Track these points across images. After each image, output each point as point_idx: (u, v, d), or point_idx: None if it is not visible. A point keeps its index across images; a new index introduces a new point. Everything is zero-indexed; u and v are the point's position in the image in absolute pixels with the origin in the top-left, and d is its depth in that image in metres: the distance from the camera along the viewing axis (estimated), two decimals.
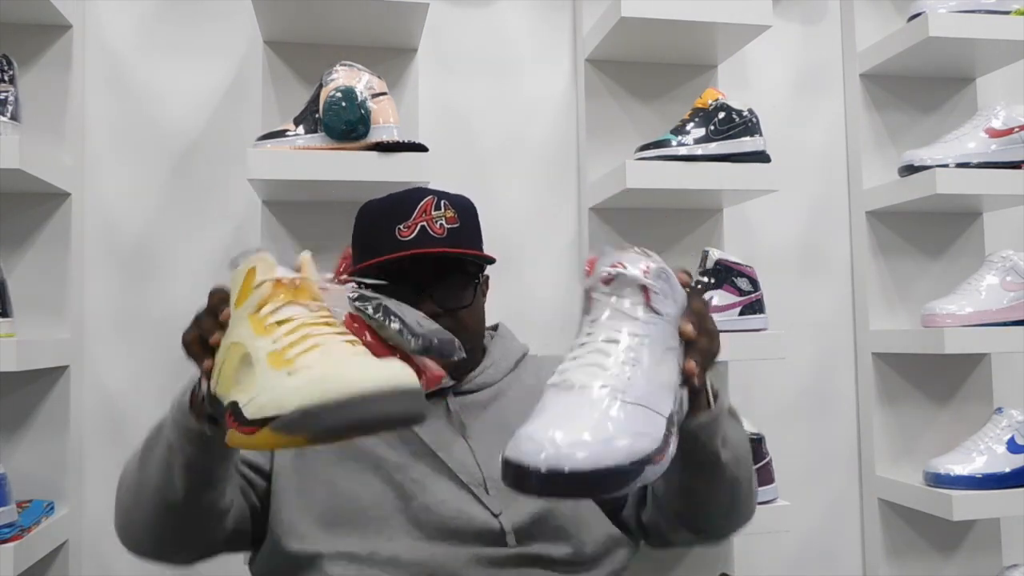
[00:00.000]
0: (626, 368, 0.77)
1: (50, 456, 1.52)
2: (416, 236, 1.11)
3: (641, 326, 0.80)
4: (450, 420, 1.14)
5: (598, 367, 0.77)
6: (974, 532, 1.85)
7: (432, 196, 1.14)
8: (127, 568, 1.59)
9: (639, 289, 0.81)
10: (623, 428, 0.73)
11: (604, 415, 0.74)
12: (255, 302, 0.78)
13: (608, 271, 0.83)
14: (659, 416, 0.77)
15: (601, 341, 0.79)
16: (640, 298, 0.81)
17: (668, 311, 0.82)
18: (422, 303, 1.10)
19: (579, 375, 0.78)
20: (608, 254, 0.85)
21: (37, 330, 1.53)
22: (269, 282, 0.79)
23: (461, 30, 1.78)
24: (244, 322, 0.78)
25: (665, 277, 0.83)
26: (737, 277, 1.55)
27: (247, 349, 0.75)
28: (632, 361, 0.78)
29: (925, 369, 1.84)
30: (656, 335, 0.80)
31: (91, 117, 1.63)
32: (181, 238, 1.65)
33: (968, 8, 1.72)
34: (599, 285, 0.83)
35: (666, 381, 0.80)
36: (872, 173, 1.87)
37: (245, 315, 0.78)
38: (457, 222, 1.14)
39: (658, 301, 0.81)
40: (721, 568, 1.70)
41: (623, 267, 0.82)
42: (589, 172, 1.74)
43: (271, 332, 0.75)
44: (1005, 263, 1.70)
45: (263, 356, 0.73)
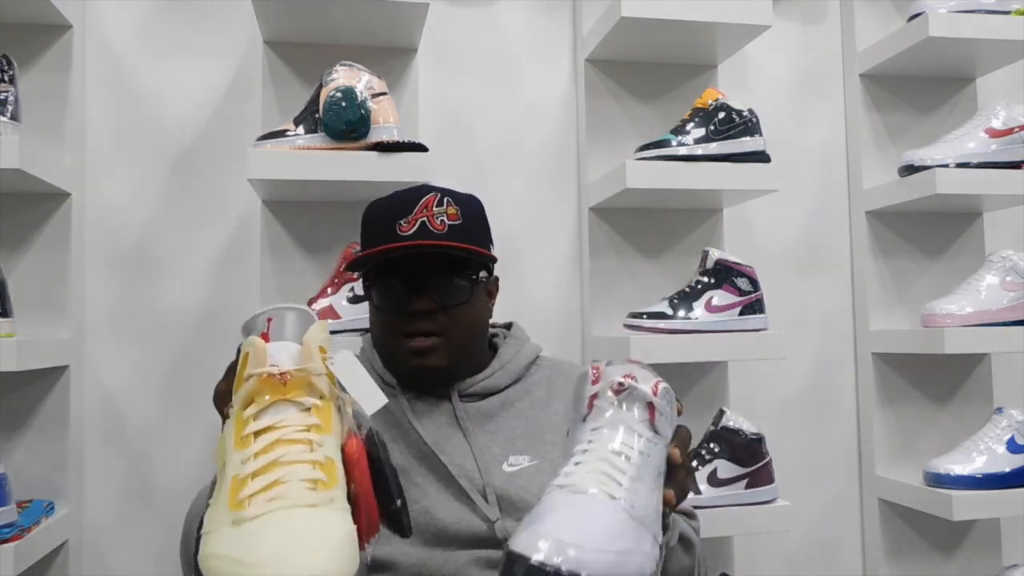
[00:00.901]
0: (635, 485, 0.76)
1: (50, 456, 1.52)
2: (415, 231, 1.10)
3: (646, 444, 0.79)
4: (455, 424, 1.13)
5: (609, 477, 0.76)
6: (974, 532, 1.85)
7: (436, 193, 1.14)
8: (127, 568, 1.59)
9: (647, 406, 0.80)
10: (635, 543, 0.73)
11: (618, 526, 0.73)
12: (242, 398, 0.74)
13: (621, 381, 0.82)
14: (655, 540, 0.76)
15: (609, 451, 0.78)
16: (646, 415, 0.80)
17: (666, 434, 0.82)
18: (418, 299, 1.10)
19: (590, 482, 0.76)
20: (617, 364, 0.84)
21: (37, 330, 1.53)
22: (255, 377, 0.74)
23: (461, 30, 1.78)
24: (231, 420, 0.74)
25: (669, 399, 0.83)
26: (737, 277, 1.55)
27: (224, 456, 0.72)
28: (638, 479, 0.77)
29: (925, 369, 1.84)
30: (655, 456, 0.80)
31: (91, 117, 1.63)
32: (181, 238, 1.65)
33: (968, 8, 1.72)
34: (608, 393, 0.82)
35: (657, 505, 0.79)
36: (872, 173, 1.87)
37: (236, 410, 0.74)
38: (459, 219, 1.13)
39: (660, 422, 0.81)
40: (721, 568, 1.70)
41: (635, 380, 0.82)
42: (589, 172, 1.74)
43: (246, 446, 0.71)
44: (1005, 263, 1.70)
45: (227, 480, 0.70)
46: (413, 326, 1.11)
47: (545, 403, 1.17)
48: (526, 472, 1.09)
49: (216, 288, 1.65)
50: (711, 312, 1.53)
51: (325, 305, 1.47)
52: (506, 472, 1.09)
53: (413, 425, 1.11)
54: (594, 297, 1.72)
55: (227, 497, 0.69)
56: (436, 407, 1.14)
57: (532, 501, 1.05)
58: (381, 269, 1.13)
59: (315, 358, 0.76)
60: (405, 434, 1.11)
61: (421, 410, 1.13)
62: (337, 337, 1.43)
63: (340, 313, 1.45)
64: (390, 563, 1.02)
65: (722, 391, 1.75)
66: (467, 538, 1.04)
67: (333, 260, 1.57)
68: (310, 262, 1.61)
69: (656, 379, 0.83)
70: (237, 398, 0.75)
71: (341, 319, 1.44)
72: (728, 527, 1.53)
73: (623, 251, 1.74)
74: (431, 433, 1.11)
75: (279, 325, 0.81)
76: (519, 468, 1.09)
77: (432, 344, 1.11)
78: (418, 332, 1.11)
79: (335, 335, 1.44)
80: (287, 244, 1.60)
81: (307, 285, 1.58)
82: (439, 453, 1.09)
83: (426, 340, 1.11)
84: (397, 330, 1.12)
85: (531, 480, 1.08)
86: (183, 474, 1.61)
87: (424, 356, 1.11)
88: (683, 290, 1.56)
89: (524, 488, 1.07)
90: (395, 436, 1.11)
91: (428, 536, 1.04)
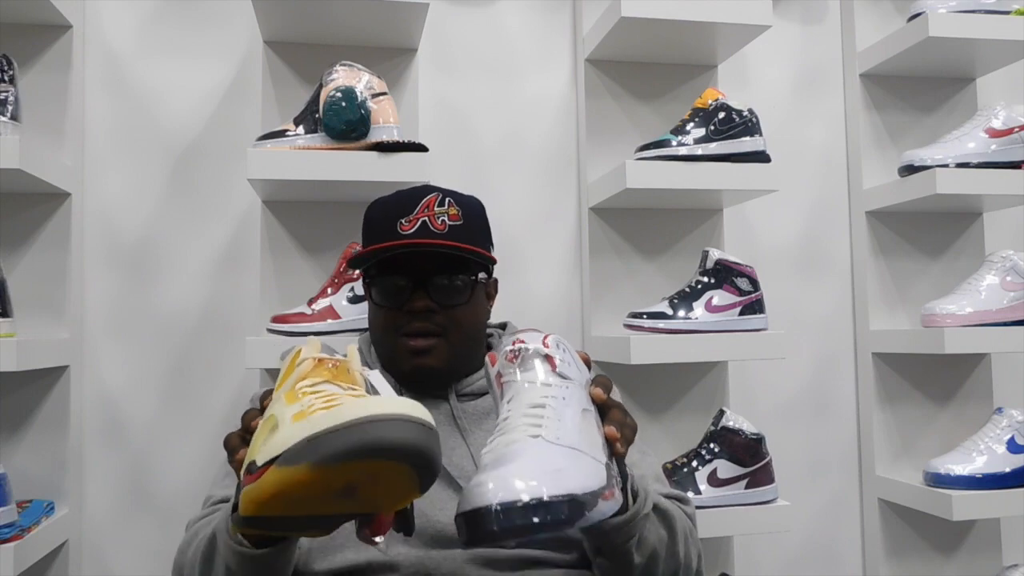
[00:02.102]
0: (555, 423, 0.80)
1: (50, 456, 1.52)
2: (416, 230, 1.11)
3: (555, 389, 0.83)
4: (453, 424, 1.13)
5: (530, 424, 0.80)
6: (974, 532, 1.85)
7: (437, 193, 1.14)
8: (127, 568, 1.59)
9: (544, 359, 0.86)
10: (567, 464, 0.76)
11: (546, 455, 0.76)
12: (294, 379, 0.78)
13: (511, 348, 0.87)
14: (597, 462, 0.79)
15: (524, 409, 0.82)
16: (547, 366, 0.85)
17: (574, 377, 0.86)
18: (417, 297, 1.10)
19: (514, 431, 0.79)
20: (504, 343, 0.89)
21: (37, 330, 1.53)
22: (310, 359, 0.79)
23: (461, 30, 1.78)
24: (279, 399, 0.76)
25: (564, 346, 0.88)
26: (737, 277, 1.55)
27: (277, 418, 0.73)
28: (557, 417, 0.80)
29: (925, 369, 1.84)
30: (571, 396, 0.84)
31: (91, 117, 1.63)
32: (181, 238, 1.65)
33: (968, 8, 1.72)
34: (506, 364, 0.87)
35: (594, 437, 0.82)
36: (872, 173, 1.87)
37: (282, 394, 0.77)
38: (460, 220, 1.13)
39: (563, 367, 0.86)
40: (721, 568, 1.70)
41: (523, 342, 0.87)
42: (589, 172, 1.74)
43: (301, 399, 0.74)
44: (1005, 263, 1.70)
45: (288, 418, 0.71)
46: (411, 325, 1.11)
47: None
48: None
49: (216, 288, 1.65)
50: (711, 312, 1.53)
51: (325, 305, 1.47)
52: None
53: None
54: (594, 297, 1.72)
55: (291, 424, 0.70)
56: (433, 407, 1.13)
57: None
58: (381, 267, 1.13)
59: (355, 359, 0.84)
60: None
61: None
62: (334, 336, 1.43)
63: (340, 313, 1.45)
64: (389, 563, 1.02)
65: (722, 391, 1.75)
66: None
67: (333, 260, 1.57)
68: (310, 262, 1.61)
69: (544, 334, 0.89)
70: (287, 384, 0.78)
71: (341, 319, 1.44)
72: (728, 527, 1.53)
73: (623, 251, 1.74)
74: None
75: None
76: None
77: (430, 344, 1.11)
78: (416, 331, 1.11)
79: (335, 335, 1.44)
80: (287, 244, 1.60)
81: (307, 285, 1.58)
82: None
83: (424, 340, 1.11)
84: (396, 328, 1.12)
85: None
86: (183, 474, 1.61)
87: (422, 356, 1.11)
88: (683, 290, 1.56)
89: None
90: None
91: (427, 537, 1.04)
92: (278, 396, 0.78)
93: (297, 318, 1.45)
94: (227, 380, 1.64)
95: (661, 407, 1.71)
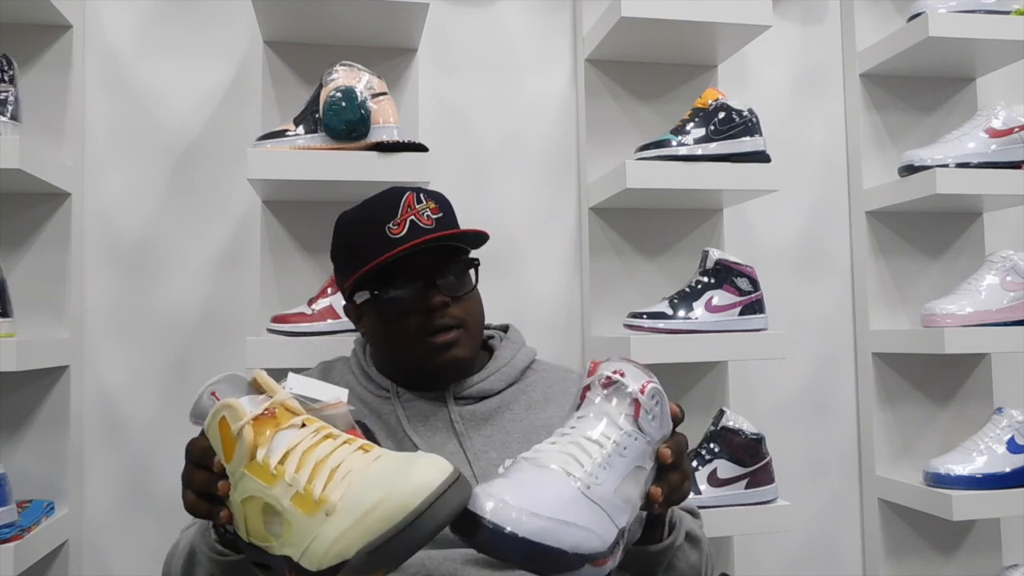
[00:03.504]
0: (599, 470, 0.79)
1: (50, 456, 1.52)
2: (408, 230, 1.10)
3: (623, 437, 0.82)
4: (450, 429, 1.13)
5: (573, 459, 0.79)
6: (974, 532, 1.85)
7: (410, 191, 1.14)
8: (127, 568, 1.59)
9: (632, 402, 0.83)
10: (578, 519, 0.75)
11: (566, 500, 0.75)
12: (245, 452, 0.74)
13: (609, 375, 0.85)
14: (613, 525, 0.78)
15: (582, 437, 0.81)
16: (631, 411, 0.83)
17: (652, 433, 0.84)
18: (430, 295, 1.10)
19: (553, 459, 0.79)
20: (613, 361, 0.87)
21: (37, 330, 1.53)
22: (246, 426, 0.75)
23: (461, 30, 1.78)
24: (246, 476, 0.74)
25: (659, 400, 0.85)
26: (737, 277, 1.55)
27: (265, 500, 0.72)
28: (606, 465, 0.79)
29: (925, 369, 1.84)
30: (633, 450, 0.82)
31: (91, 117, 1.63)
32: (181, 238, 1.65)
33: (968, 8, 1.72)
34: (597, 386, 0.85)
35: (629, 496, 0.81)
36: (872, 173, 1.87)
37: (243, 469, 0.74)
38: (440, 211, 1.14)
39: (645, 420, 0.83)
40: (721, 568, 1.70)
41: (623, 376, 0.85)
42: (589, 172, 1.74)
43: (280, 476, 0.72)
44: (1005, 263, 1.70)
45: (288, 505, 0.70)
46: (433, 323, 1.10)
47: (541, 406, 1.16)
48: None
49: (216, 288, 1.65)
50: (711, 312, 1.53)
51: (325, 305, 1.47)
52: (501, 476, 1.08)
53: (408, 434, 1.10)
54: (594, 297, 1.72)
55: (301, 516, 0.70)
56: (431, 411, 1.13)
57: None
58: (386, 277, 1.11)
59: (276, 389, 0.80)
60: (399, 443, 1.10)
61: (416, 415, 1.13)
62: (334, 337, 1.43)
63: (340, 313, 1.45)
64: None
65: (722, 391, 1.75)
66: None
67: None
68: (310, 262, 1.61)
69: (648, 379, 0.85)
70: (239, 456, 0.75)
71: (341, 319, 1.44)
72: (728, 527, 1.53)
73: (623, 251, 1.74)
74: (426, 440, 1.10)
75: (223, 392, 0.83)
76: None
77: (455, 336, 1.11)
78: (440, 328, 1.10)
79: (335, 335, 1.44)
80: (287, 244, 1.60)
81: (307, 285, 1.58)
82: None
83: (448, 333, 1.11)
84: (420, 332, 1.11)
85: None
86: None
87: (450, 349, 1.11)
88: (683, 290, 1.56)
89: None
90: (390, 446, 1.10)
91: None
92: (238, 471, 0.75)
93: (297, 318, 1.45)
94: None
95: None
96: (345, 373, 1.20)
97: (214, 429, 0.77)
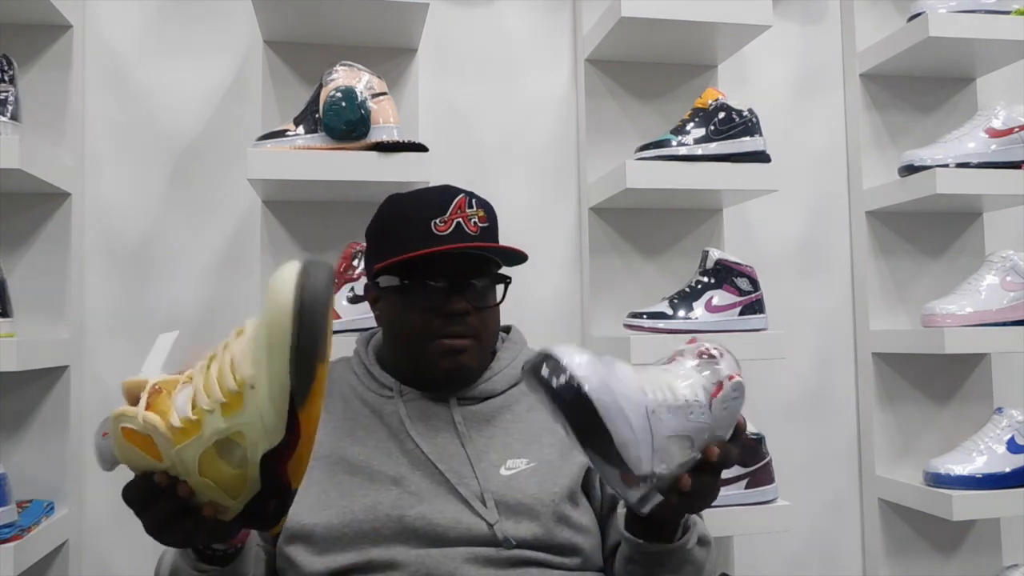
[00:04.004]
0: (664, 410, 0.81)
1: (50, 456, 1.52)
2: (452, 232, 1.10)
3: (696, 404, 0.83)
4: (452, 429, 1.13)
5: (655, 385, 0.82)
6: (974, 532, 1.85)
7: (464, 194, 1.14)
8: (127, 568, 1.59)
9: (717, 383, 0.85)
10: (635, 426, 0.78)
11: (633, 404, 0.78)
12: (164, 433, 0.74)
13: (709, 348, 0.87)
14: (649, 462, 0.80)
15: (668, 378, 0.84)
16: (713, 388, 0.84)
17: (717, 421, 0.85)
18: (454, 299, 1.10)
19: (640, 374, 0.82)
20: (715, 342, 0.89)
21: (37, 330, 1.53)
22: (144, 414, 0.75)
23: (461, 30, 1.78)
24: (182, 450, 0.74)
25: (739, 394, 0.86)
26: (737, 277, 1.55)
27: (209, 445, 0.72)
28: (673, 411, 0.81)
29: (925, 369, 1.84)
30: (696, 420, 0.83)
31: (91, 117, 1.63)
32: (181, 238, 1.65)
33: (968, 8, 1.72)
34: (692, 354, 0.87)
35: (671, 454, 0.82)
36: (872, 173, 1.87)
37: (174, 448, 0.74)
38: (487, 222, 1.14)
39: (718, 405, 0.84)
40: (721, 568, 1.70)
41: (720, 356, 0.87)
42: (589, 172, 1.74)
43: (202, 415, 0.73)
44: (1005, 263, 1.70)
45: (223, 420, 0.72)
46: (447, 328, 1.10)
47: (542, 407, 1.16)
48: (523, 475, 1.09)
49: (216, 288, 1.65)
50: (711, 312, 1.53)
51: None
52: (503, 476, 1.08)
53: (410, 433, 1.10)
54: (594, 297, 1.72)
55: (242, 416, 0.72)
56: (433, 412, 1.13)
57: (529, 501, 1.06)
58: (418, 270, 1.11)
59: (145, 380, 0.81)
60: (401, 443, 1.10)
61: (417, 416, 1.13)
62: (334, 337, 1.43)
63: (340, 313, 1.45)
64: (390, 562, 1.02)
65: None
66: (467, 539, 1.04)
67: (333, 260, 1.57)
68: None
69: (738, 371, 0.87)
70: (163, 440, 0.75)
71: (341, 319, 1.44)
72: (728, 527, 1.53)
73: (623, 251, 1.74)
74: (428, 440, 1.10)
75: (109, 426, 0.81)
76: (516, 471, 1.09)
77: (466, 344, 1.12)
78: (453, 333, 1.11)
79: (335, 335, 1.44)
80: (287, 244, 1.60)
81: None
82: (436, 462, 1.08)
83: (460, 340, 1.11)
84: (431, 331, 1.11)
85: (528, 482, 1.08)
86: None
87: (459, 355, 1.11)
88: (683, 290, 1.56)
89: (521, 490, 1.07)
90: (391, 446, 1.10)
91: (426, 541, 1.04)
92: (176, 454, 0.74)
93: None
94: None
95: None
96: (346, 373, 1.20)
97: (125, 447, 0.77)
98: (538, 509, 1.06)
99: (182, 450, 0.74)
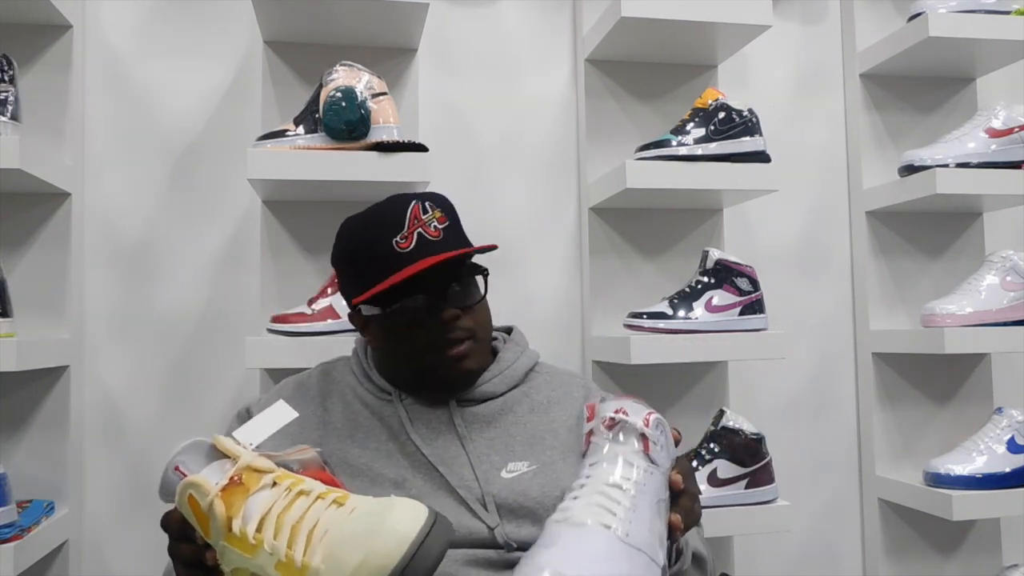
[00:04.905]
0: (630, 514, 0.80)
1: (50, 456, 1.52)
2: (416, 244, 1.08)
3: (641, 474, 0.83)
4: (452, 431, 1.12)
5: (604, 509, 0.80)
6: (974, 532, 1.85)
7: (416, 200, 1.11)
8: (127, 568, 1.59)
9: (640, 437, 0.84)
10: (627, 567, 0.76)
11: (612, 553, 0.76)
12: (220, 526, 0.74)
13: (612, 416, 0.86)
14: (655, 564, 0.79)
15: (604, 485, 0.82)
16: (640, 446, 0.84)
17: (662, 463, 0.85)
18: (441, 308, 1.09)
19: (585, 514, 0.80)
20: (610, 401, 0.88)
21: (37, 330, 1.53)
22: (215, 500, 0.75)
23: (461, 30, 1.78)
24: (227, 549, 0.74)
25: (662, 428, 0.86)
26: (737, 277, 1.55)
27: (251, 570, 0.72)
28: (634, 507, 0.80)
29: (925, 369, 1.84)
30: (652, 485, 0.83)
31: (91, 117, 1.63)
32: (181, 238, 1.65)
33: (968, 8, 1.72)
34: (601, 429, 0.86)
35: (660, 532, 0.82)
36: (872, 173, 1.87)
37: (222, 542, 0.74)
38: (447, 220, 1.12)
39: (655, 452, 0.85)
40: (721, 568, 1.70)
41: (626, 414, 0.86)
42: (589, 172, 1.74)
43: (260, 544, 0.72)
44: (1005, 263, 1.70)
45: (273, 573, 0.71)
46: (446, 337, 1.10)
47: (544, 409, 1.16)
48: (524, 477, 1.08)
49: (216, 288, 1.66)
50: (711, 312, 1.53)
51: (325, 305, 1.47)
52: (505, 479, 1.08)
53: (410, 436, 1.10)
54: (594, 297, 1.72)
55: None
56: (434, 414, 1.13)
57: (530, 504, 1.05)
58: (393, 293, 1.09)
59: (239, 452, 0.79)
60: (401, 446, 1.10)
61: (418, 419, 1.12)
62: (334, 337, 1.43)
63: (340, 313, 1.45)
64: None
65: (722, 391, 1.75)
66: (468, 542, 1.04)
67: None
68: (310, 262, 1.61)
69: (647, 411, 0.87)
70: (216, 531, 0.75)
71: (341, 319, 1.44)
72: (728, 527, 1.53)
73: (623, 251, 1.74)
74: (428, 443, 1.10)
75: (187, 464, 0.82)
76: (518, 474, 1.08)
77: (467, 348, 1.11)
78: (452, 341, 1.10)
79: (335, 335, 1.44)
80: (287, 244, 1.60)
81: (307, 285, 1.58)
82: (437, 465, 1.07)
83: (461, 346, 1.10)
84: (432, 346, 1.10)
85: (529, 484, 1.07)
86: None
87: (463, 361, 1.11)
88: (683, 290, 1.56)
89: (522, 493, 1.06)
90: (391, 448, 1.10)
91: None
92: (219, 544, 0.75)
93: (297, 318, 1.45)
94: (227, 380, 1.65)
95: (661, 407, 1.69)
96: (346, 374, 1.19)
97: (185, 507, 0.77)
98: (540, 512, 1.05)
99: (228, 549, 0.74)
